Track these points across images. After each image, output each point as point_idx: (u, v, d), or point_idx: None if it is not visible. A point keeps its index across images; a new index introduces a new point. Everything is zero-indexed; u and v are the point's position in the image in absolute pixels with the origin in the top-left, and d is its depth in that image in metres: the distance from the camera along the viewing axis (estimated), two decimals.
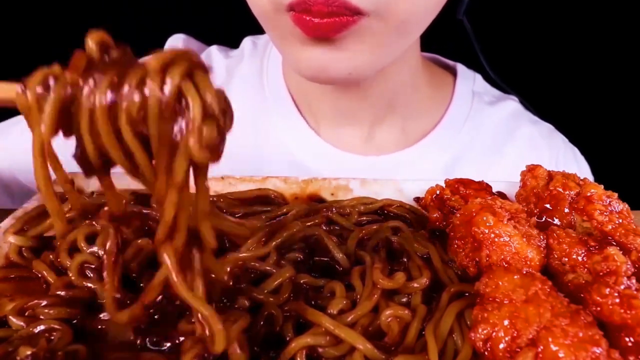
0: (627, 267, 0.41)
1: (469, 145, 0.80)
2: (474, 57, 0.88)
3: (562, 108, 1.04)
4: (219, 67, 0.83)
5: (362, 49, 0.58)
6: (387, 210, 0.57)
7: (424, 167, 0.77)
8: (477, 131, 0.81)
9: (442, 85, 0.84)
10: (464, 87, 0.83)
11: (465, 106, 0.82)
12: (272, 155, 0.79)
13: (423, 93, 0.80)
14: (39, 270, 0.46)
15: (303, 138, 0.78)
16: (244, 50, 0.85)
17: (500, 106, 0.84)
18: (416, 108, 0.80)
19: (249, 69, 0.83)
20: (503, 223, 0.45)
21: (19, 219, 0.52)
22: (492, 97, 0.86)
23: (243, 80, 0.82)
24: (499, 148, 0.82)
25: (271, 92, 0.80)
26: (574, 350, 0.34)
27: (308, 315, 0.41)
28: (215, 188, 0.59)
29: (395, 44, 0.62)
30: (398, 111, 0.78)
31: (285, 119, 0.79)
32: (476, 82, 0.85)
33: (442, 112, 0.81)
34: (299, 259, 0.48)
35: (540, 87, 1.05)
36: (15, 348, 0.37)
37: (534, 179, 0.54)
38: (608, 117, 1.16)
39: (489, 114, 0.83)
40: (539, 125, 0.85)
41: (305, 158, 0.77)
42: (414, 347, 0.40)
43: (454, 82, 0.84)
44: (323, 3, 0.53)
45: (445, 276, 0.47)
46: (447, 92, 0.83)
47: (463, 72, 0.86)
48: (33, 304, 0.42)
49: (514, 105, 0.86)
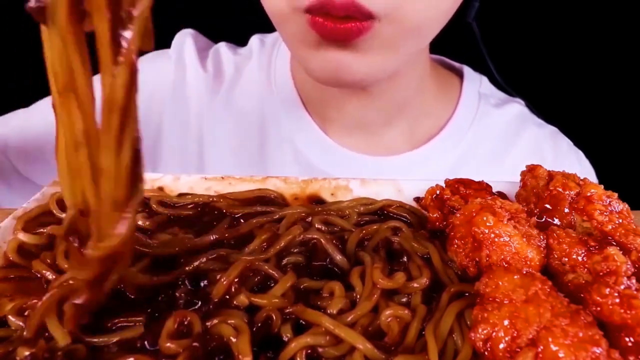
0: (627, 267, 0.41)
1: (475, 147, 0.81)
2: (479, 59, 0.88)
3: (567, 111, 1.05)
4: (228, 64, 0.83)
5: (376, 53, 0.59)
6: (387, 211, 0.57)
7: (430, 168, 0.78)
8: (483, 133, 0.82)
9: (449, 87, 0.84)
10: (471, 89, 0.84)
11: (472, 108, 0.82)
12: (278, 153, 0.79)
13: (431, 95, 0.81)
14: (37, 270, 0.46)
15: (310, 137, 0.78)
16: (252, 49, 0.85)
17: (505, 109, 0.85)
18: (424, 110, 0.80)
19: (257, 67, 0.83)
20: (503, 223, 0.45)
21: (20, 218, 0.52)
22: (498, 100, 0.87)
23: (251, 78, 0.82)
24: (504, 150, 0.82)
25: (279, 90, 0.80)
26: (574, 350, 0.34)
27: (307, 315, 0.41)
28: (215, 188, 0.59)
29: (407, 48, 0.63)
30: (406, 113, 0.78)
31: (292, 118, 0.79)
32: (482, 85, 0.86)
33: (449, 114, 0.82)
34: (300, 264, 0.48)
35: (545, 91, 1.05)
36: (15, 348, 0.37)
37: (534, 179, 0.54)
38: (612, 120, 1.16)
39: (494, 117, 0.83)
40: (543, 129, 0.86)
41: (313, 157, 0.78)
42: (414, 347, 0.40)
43: (461, 84, 0.85)
44: (340, 7, 0.53)
45: (445, 276, 0.47)
46: (454, 94, 0.84)
47: (469, 74, 0.86)
48: (32, 304, 0.42)
49: (520, 108, 0.86)
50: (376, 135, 0.79)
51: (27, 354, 0.36)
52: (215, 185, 0.60)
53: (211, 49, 0.85)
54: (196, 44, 0.83)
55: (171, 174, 0.61)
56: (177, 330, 0.39)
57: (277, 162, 0.79)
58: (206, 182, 0.60)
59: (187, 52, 0.82)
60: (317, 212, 0.55)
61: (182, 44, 0.82)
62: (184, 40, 0.83)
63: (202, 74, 0.81)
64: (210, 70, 0.82)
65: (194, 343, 0.37)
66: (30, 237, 0.49)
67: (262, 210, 0.56)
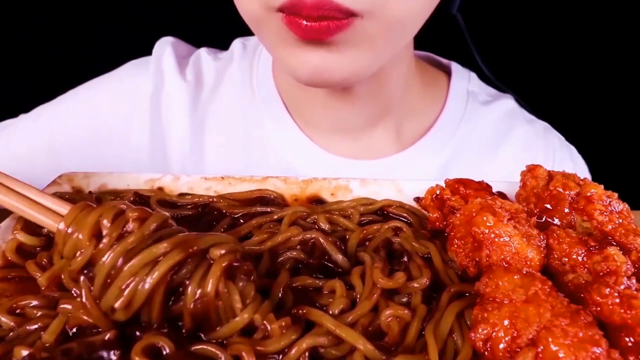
0: (627, 267, 0.41)
1: (464, 146, 0.79)
2: (468, 54, 0.87)
3: (558, 105, 1.04)
4: (208, 70, 0.81)
5: (358, 50, 0.57)
6: (387, 211, 0.57)
7: (418, 169, 0.76)
8: (472, 132, 0.80)
9: (436, 85, 0.83)
10: (459, 87, 0.82)
11: (460, 106, 0.81)
12: (262, 159, 0.77)
13: (417, 94, 0.79)
14: (30, 271, 0.46)
15: (294, 142, 0.77)
16: (233, 53, 0.83)
17: (495, 105, 0.83)
18: (410, 110, 0.78)
19: (239, 71, 0.81)
20: (503, 223, 0.45)
21: (20, 218, 0.52)
22: (487, 96, 0.85)
23: (232, 82, 0.81)
24: (494, 148, 0.81)
25: (261, 94, 0.79)
26: (574, 350, 0.34)
27: (310, 315, 0.41)
28: (215, 188, 0.59)
29: (391, 45, 0.61)
30: (392, 114, 0.77)
31: (275, 122, 0.78)
32: (471, 81, 0.84)
33: (437, 113, 0.80)
34: (299, 263, 0.48)
35: (535, 85, 1.04)
36: (12, 348, 0.37)
37: (534, 179, 0.54)
38: (604, 114, 1.15)
39: (484, 114, 0.82)
40: (534, 125, 0.84)
41: (297, 162, 0.76)
42: (414, 347, 0.40)
43: (449, 81, 0.83)
44: (313, 7, 0.51)
45: (446, 276, 0.47)
46: (441, 92, 0.82)
47: (457, 70, 0.84)
48: (24, 304, 0.42)
49: (509, 104, 0.85)
50: (361, 137, 0.76)
51: (25, 354, 0.36)
52: (215, 185, 0.60)
53: (192, 56, 0.83)
54: (176, 52, 0.81)
55: (171, 174, 0.61)
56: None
57: (261, 167, 0.76)
58: (206, 182, 0.60)
59: (165, 62, 0.79)
60: (319, 211, 0.55)
61: (160, 55, 0.80)
62: (164, 50, 0.80)
63: (181, 83, 0.79)
64: (190, 79, 0.80)
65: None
66: (29, 238, 0.49)
67: (262, 210, 0.56)
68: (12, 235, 0.50)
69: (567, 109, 1.07)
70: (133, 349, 0.36)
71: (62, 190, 0.58)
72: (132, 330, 0.39)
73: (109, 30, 1.13)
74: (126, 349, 0.37)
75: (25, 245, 0.49)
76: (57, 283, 0.44)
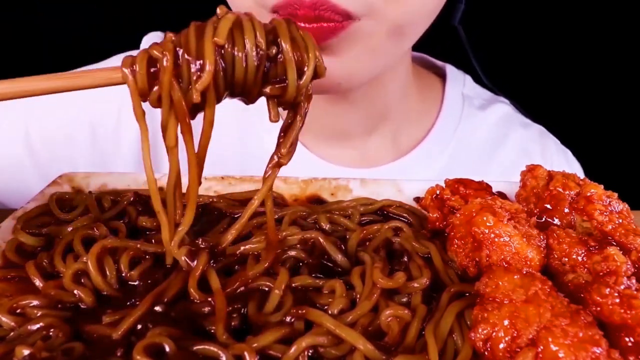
0: (627, 267, 0.41)
1: (460, 152, 0.79)
2: (463, 55, 0.86)
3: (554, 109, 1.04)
4: None
5: (355, 55, 0.56)
6: (387, 211, 0.57)
7: (416, 176, 0.76)
8: (468, 138, 0.79)
9: (432, 89, 0.82)
10: (454, 92, 0.81)
11: (456, 112, 0.80)
12: (257, 166, 0.77)
13: (413, 100, 0.78)
14: (28, 273, 0.45)
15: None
16: None
17: (490, 110, 0.83)
18: (406, 117, 0.77)
19: None
20: (503, 223, 0.45)
21: (19, 219, 0.52)
22: (482, 101, 0.84)
23: None
24: (490, 154, 0.80)
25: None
26: (574, 350, 0.34)
27: (310, 315, 0.41)
28: (215, 188, 0.60)
29: (389, 50, 0.60)
30: (388, 121, 0.76)
31: (270, 131, 0.77)
32: (466, 85, 0.83)
33: (433, 119, 0.79)
34: (300, 263, 0.48)
35: (531, 88, 1.04)
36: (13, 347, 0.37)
37: (534, 179, 0.54)
38: (599, 116, 1.16)
39: (479, 119, 0.81)
40: (530, 129, 0.84)
41: (294, 172, 0.76)
42: (414, 347, 0.40)
43: (443, 84, 0.82)
44: (310, 7, 0.50)
45: (446, 276, 0.47)
46: (436, 96, 0.81)
47: (452, 74, 0.83)
48: (24, 304, 0.42)
49: (505, 109, 0.84)
50: (358, 145, 0.76)
51: (26, 354, 0.36)
52: (215, 185, 0.60)
53: None
54: None
55: None
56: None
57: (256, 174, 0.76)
58: (206, 182, 0.60)
59: None
60: (319, 211, 0.55)
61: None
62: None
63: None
64: None
65: None
66: (29, 238, 0.49)
67: (262, 210, 0.56)
68: (13, 235, 0.50)
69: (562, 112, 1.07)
70: (135, 347, 0.36)
71: (62, 190, 0.58)
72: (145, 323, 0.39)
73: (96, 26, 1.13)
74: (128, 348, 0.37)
75: (25, 245, 0.49)
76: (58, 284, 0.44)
